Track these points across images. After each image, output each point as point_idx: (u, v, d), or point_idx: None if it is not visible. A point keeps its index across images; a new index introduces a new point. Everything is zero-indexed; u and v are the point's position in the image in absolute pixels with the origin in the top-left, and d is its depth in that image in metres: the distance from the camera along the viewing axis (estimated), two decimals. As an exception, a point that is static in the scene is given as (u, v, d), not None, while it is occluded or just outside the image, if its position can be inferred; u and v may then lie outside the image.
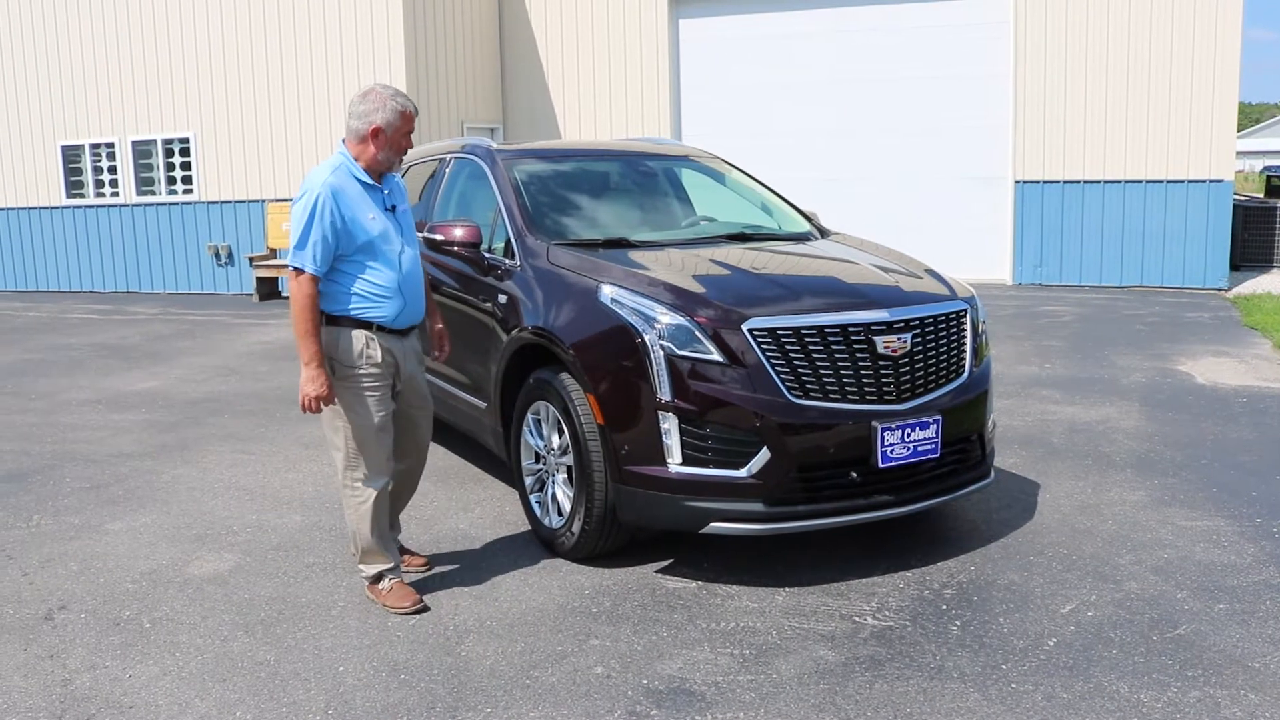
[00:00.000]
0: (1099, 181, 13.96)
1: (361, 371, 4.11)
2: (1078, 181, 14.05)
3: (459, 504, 5.67)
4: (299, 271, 3.99)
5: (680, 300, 4.39)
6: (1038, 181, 14.22)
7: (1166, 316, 11.75)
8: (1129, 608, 4.19)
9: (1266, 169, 48.12)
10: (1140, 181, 13.78)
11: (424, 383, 4.48)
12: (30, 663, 3.87)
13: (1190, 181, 13.57)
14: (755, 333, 4.26)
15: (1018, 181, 14.31)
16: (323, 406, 4.04)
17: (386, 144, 4.11)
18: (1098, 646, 3.86)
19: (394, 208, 4.23)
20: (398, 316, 4.18)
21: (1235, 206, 14.40)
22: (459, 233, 5.29)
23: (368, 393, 4.13)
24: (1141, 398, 7.85)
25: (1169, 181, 13.66)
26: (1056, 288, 14.23)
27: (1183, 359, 9.30)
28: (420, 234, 5.92)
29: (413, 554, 4.76)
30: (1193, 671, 3.67)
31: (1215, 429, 6.88)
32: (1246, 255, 15.62)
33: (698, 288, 4.50)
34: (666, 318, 4.32)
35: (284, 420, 7.65)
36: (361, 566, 4.35)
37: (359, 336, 4.10)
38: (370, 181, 4.15)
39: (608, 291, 4.55)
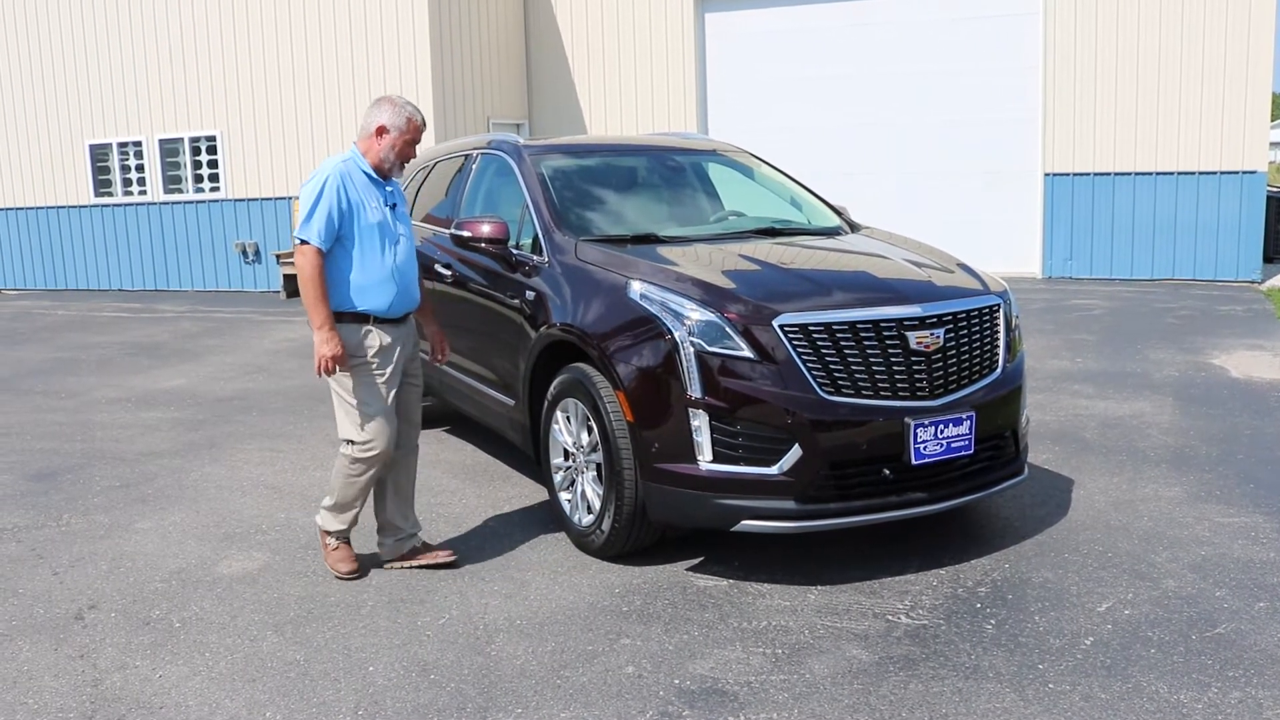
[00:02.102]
0: (1130, 173, 13.80)
1: (364, 360, 4.42)
2: (1108, 174, 13.89)
3: (488, 502, 5.65)
4: (304, 244, 4.30)
5: (710, 296, 4.35)
6: (1067, 174, 14.07)
7: (1199, 310, 11.59)
8: (1167, 606, 4.12)
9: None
10: (1172, 173, 13.60)
11: (419, 364, 4.78)
12: (61, 663, 3.87)
13: (1223, 173, 13.39)
14: (786, 328, 4.21)
15: (1047, 174, 14.16)
16: (337, 369, 4.32)
17: (390, 143, 4.44)
18: (1135, 646, 3.79)
19: (394, 206, 4.54)
20: (392, 305, 4.46)
21: (1268, 198, 14.19)
22: (486, 229, 5.28)
23: (372, 378, 4.44)
24: (1175, 392, 7.75)
25: (1201, 173, 13.48)
26: (1087, 281, 14.08)
27: (1216, 353, 9.18)
28: (447, 230, 5.93)
29: (436, 549, 4.78)
30: (1233, 672, 3.60)
31: (1251, 424, 6.78)
32: (1279, 248, 15.41)
33: (728, 283, 4.46)
34: (696, 314, 4.28)
35: (312, 417, 7.66)
36: (318, 518, 4.67)
37: (357, 328, 4.41)
38: (375, 177, 4.49)
39: (637, 288, 4.52)
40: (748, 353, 4.21)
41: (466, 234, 5.33)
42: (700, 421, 4.22)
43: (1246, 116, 13.23)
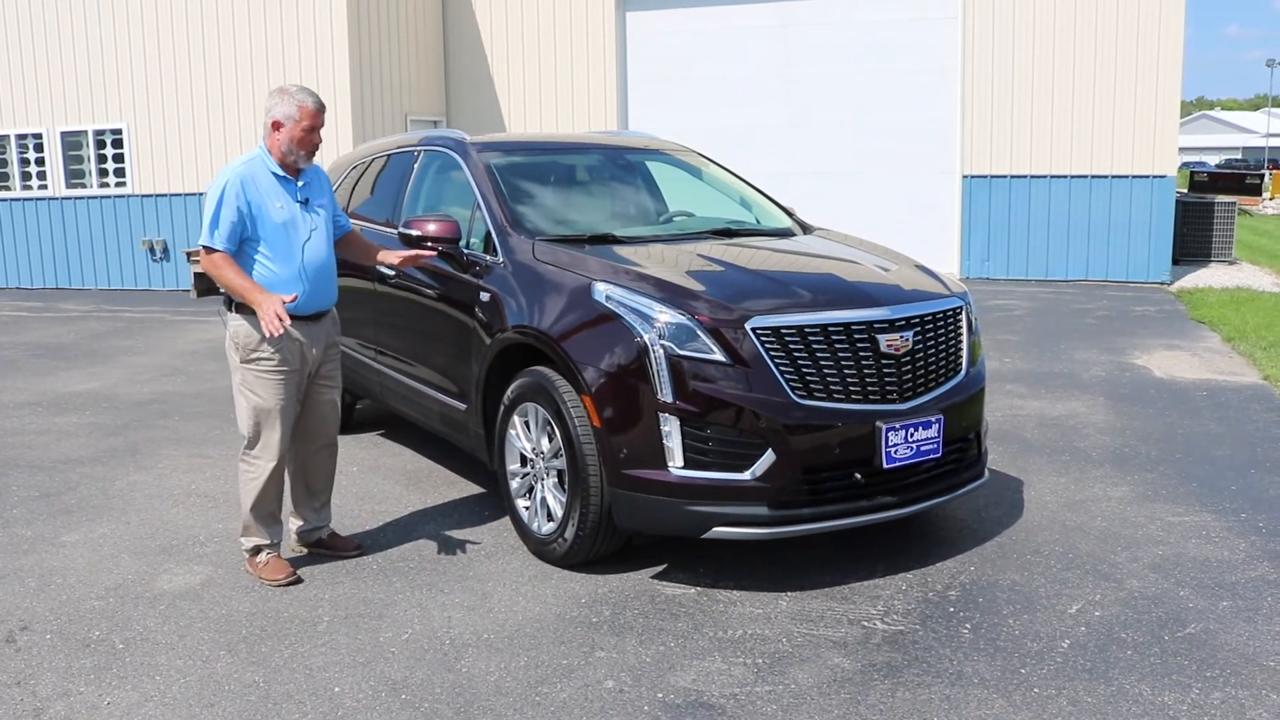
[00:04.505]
0: (1045, 176, 14.09)
1: (265, 356, 4.35)
2: (1024, 176, 14.17)
3: (434, 508, 5.47)
4: (209, 250, 4.29)
5: (680, 298, 4.25)
6: (985, 176, 14.31)
7: (1115, 310, 11.88)
8: (1135, 607, 4.14)
9: (1186, 165, 49.43)
10: (1085, 176, 13.93)
11: (335, 365, 4.71)
12: (-4, 689, 3.61)
13: (1134, 177, 13.75)
14: (759, 331, 4.13)
15: (965, 176, 14.38)
16: (280, 317, 4.12)
17: (288, 136, 4.36)
18: (1112, 648, 3.80)
19: (307, 200, 4.47)
20: (299, 303, 4.36)
21: (1177, 202, 14.62)
22: (434, 228, 5.09)
23: (270, 377, 4.38)
24: (1105, 391, 7.89)
25: (1113, 177, 13.82)
26: (1003, 281, 14.34)
27: (1137, 352, 9.39)
28: (390, 230, 5.73)
29: (344, 539, 4.89)
30: (1210, 672, 3.62)
31: (1182, 423, 6.92)
32: (1185, 250, 15.90)
33: (696, 285, 4.36)
34: (666, 316, 4.17)
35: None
36: (241, 539, 4.60)
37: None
38: (282, 173, 4.42)
39: (601, 289, 4.39)
40: (719, 356, 4.12)
41: (415, 233, 5.13)
42: (671, 426, 4.12)
43: (1157, 123, 13.61)
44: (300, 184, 4.46)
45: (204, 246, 4.32)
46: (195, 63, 14.39)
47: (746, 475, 4.10)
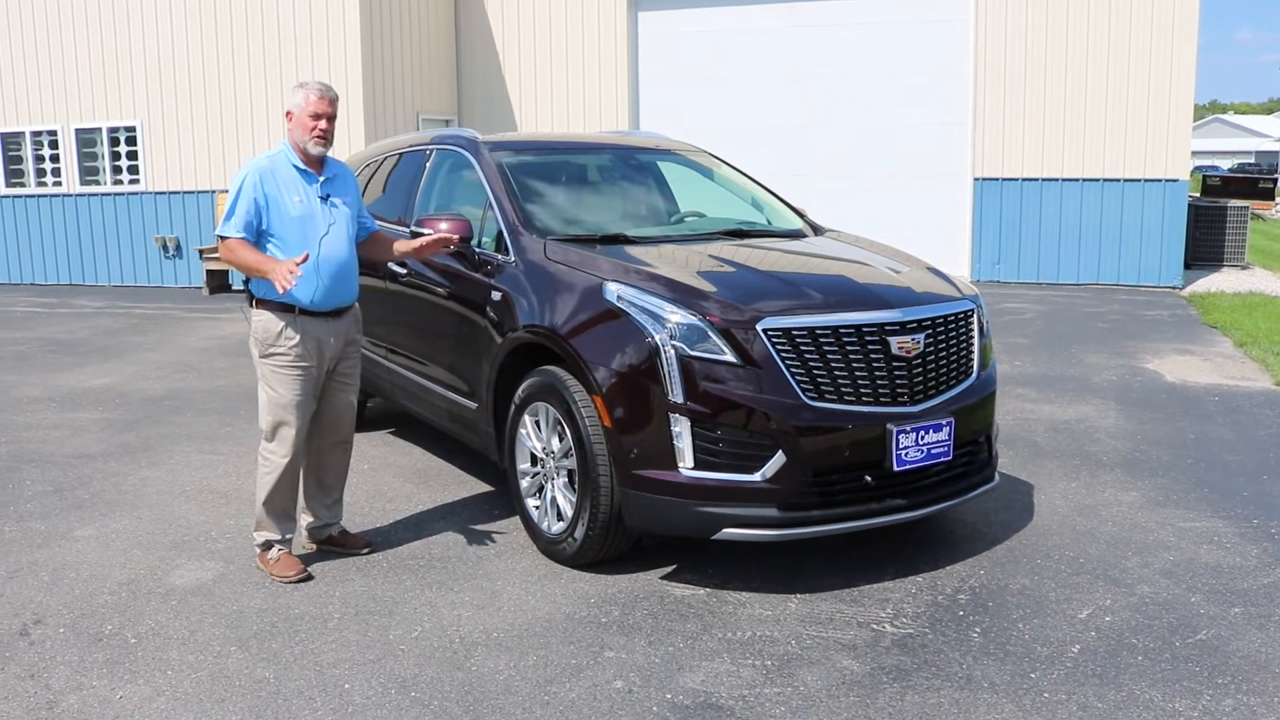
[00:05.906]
0: (1057, 179, 14.05)
1: (281, 352, 4.41)
2: (1036, 179, 14.13)
3: (445, 507, 5.48)
4: (224, 239, 4.36)
5: (691, 298, 4.25)
6: (996, 179, 14.28)
7: (1126, 314, 11.85)
8: (1146, 612, 4.13)
9: (1199, 168, 49.20)
10: (1097, 180, 13.88)
11: (355, 364, 4.74)
12: (9, 683, 3.62)
13: (1146, 180, 13.71)
14: (770, 333, 4.14)
15: (976, 178, 14.35)
16: (291, 274, 4.13)
17: (298, 124, 4.42)
18: (1122, 653, 3.79)
19: (327, 196, 4.51)
20: (315, 299, 4.42)
21: (1189, 206, 14.57)
22: (446, 227, 5.10)
23: (287, 372, 4.43)
24: (1116, 396, 7.87)
25: (1125, 180, 13.78)
26: (1014, 285, 14.30)
27: (1149, 357, 9.36)
28: (402, 229, 5.75)
29: (355, 537, 4.91)
30: (1222, 679, 3.61)
31: (1194, 428, 6.90)
32: (1198, 254, 15.85)
33: (708, 286, 4.36)
34: (677, 316, 4.18)
35: (249, 419, 7.38)
36: (254, 534, 4.64)
37: (280, 319, 4.40)
38: (303, 167, 4.48)
39: (613, 289, 4.39)
40: (730, 357, 4.12)
41: (427, 231, 5.14)
42: (681, 427, 4.12)
43: (1169, 126, 13.56)
44: (322, 179, 4.52)
45: (220, 236, 4.39)
46: (209, 61, 14.44)
47: (757, 477, 4.11)
